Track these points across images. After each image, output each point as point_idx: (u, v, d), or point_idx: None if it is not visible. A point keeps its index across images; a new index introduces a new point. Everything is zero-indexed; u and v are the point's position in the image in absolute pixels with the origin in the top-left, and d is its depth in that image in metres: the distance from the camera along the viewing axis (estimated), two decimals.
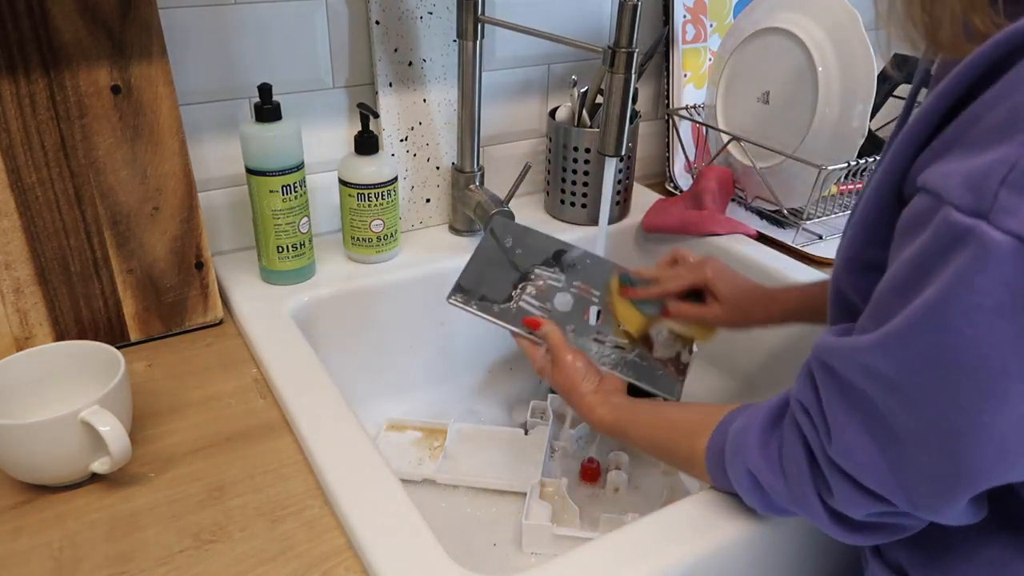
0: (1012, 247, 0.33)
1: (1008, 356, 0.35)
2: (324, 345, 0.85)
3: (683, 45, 1.09)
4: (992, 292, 0.34)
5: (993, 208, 0.33)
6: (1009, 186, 0.33)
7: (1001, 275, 0.33)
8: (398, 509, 0.58)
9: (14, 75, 0.65)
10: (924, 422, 0.40)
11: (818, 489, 0.48)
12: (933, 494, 0.42)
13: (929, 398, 0.39)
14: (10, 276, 0.70)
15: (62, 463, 0.59)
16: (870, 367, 0.41)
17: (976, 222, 0.34)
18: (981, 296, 0.34)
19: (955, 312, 0.35)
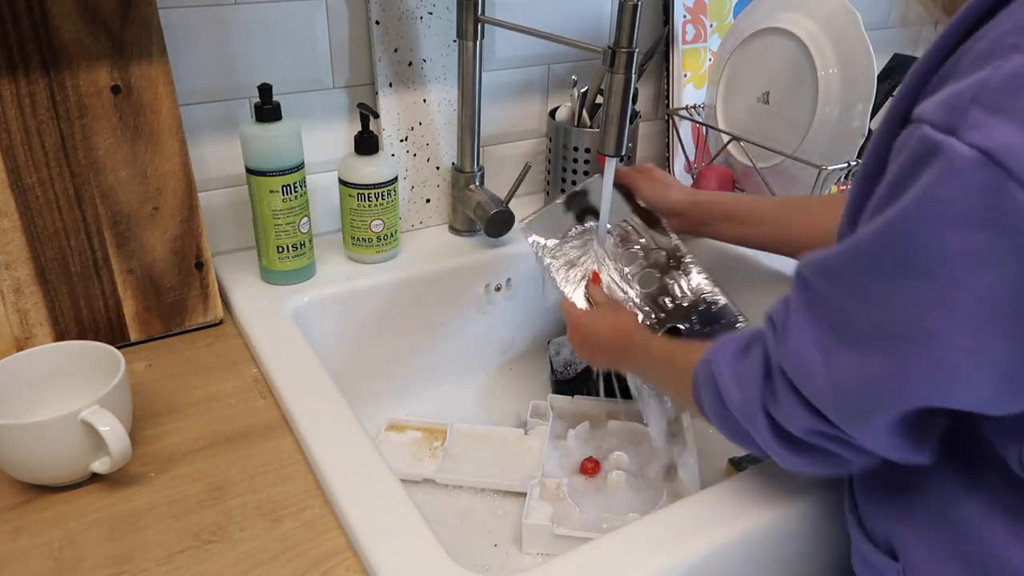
0: (976, 160, 0.34)
1: (958, 268, 0.36)
2: (324, 345, 0.85)
3: (683, 45, 1.09)
4: (953, 203, 0.35)
5: (962, 125, 0.35)
6: (979, 103, 0.35)
7: (964, 187, 0.35)
8: (398, 509, 0.58)
9: (14, 75, 0.65)
10: (873, 324, 0.41)
11: (765, 401, 0.50)
12: (863, 406, 0.43)
13: (884, 300, 0.40)
14: (10, 276, 0.70)
15: (62, 463, 0.59)
16: (834, 270, 0.42)
17: (946, 137, 0.35)
18: (943, 206, 0.36)
19: (918, 220, 0.37)
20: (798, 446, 0.50)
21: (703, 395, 0.56)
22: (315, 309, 0.85)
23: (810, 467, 0.51)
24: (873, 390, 0.42)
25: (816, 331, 0.45)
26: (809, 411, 0.47)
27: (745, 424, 0.52)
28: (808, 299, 0.46)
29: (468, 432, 0.87)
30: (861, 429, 0.45)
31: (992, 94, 0.34)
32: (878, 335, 0.41)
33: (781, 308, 0.49)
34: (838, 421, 0.45)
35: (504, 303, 0.98)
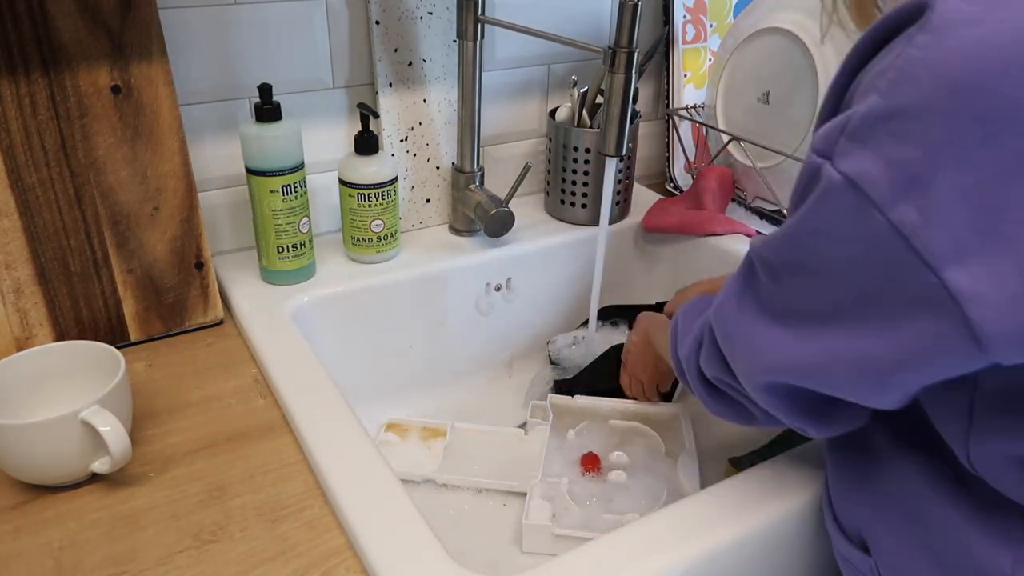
0: (842, 184, 0.40)
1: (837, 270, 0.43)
2: (324, 345, 0.85)
3: (683, 45, 1.09)
4: (828, 220, 0.42)
5: (835, 152, 0.40)
6: (846, 135, 0.40)
7: (835, 207, 0.41)
8: (398, 509, 0.58)
9: (14, 75, 0.65)
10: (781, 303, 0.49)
11: (699, 351, 0.58)
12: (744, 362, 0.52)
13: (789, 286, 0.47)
14: (10, 276, 0.70)
15: (62, 463, 0.59)
16: (762, 257, 0.50)
17: (823, 162, 0.41)
18: (821, 222, 0.42)
19: (805, 231, 0.44)
20: (715, 392, 0.59)
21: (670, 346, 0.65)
22: (315, 309, 0.85)
23: (723, 412, 0.60)
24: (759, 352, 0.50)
25: (744, 298, 0.52)
26: (719, 360, 0.55)
27: (684, 368, 0.61)
28: (747, 272, 0.52)
29: (468, 432, 0.87)
30: (746, 382, 0.52)
31: (855, 128, 0.39)
32: (785, 314, 0.48)
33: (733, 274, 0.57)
34: (733, 369, 0.53)
35: (504, 303, 0.98)
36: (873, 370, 0.43)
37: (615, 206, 1.01)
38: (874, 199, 0.39)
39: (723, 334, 0.53)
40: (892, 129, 0.38)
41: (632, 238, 1.04)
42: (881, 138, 0.38)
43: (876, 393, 0.45)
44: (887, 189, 0.38)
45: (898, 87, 0.38)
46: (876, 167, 0.38)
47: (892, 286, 0.40)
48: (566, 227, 1.01)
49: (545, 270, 0.99)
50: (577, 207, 1.00)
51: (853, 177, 0.39)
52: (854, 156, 0.39)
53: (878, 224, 0.39)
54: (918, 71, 0.37)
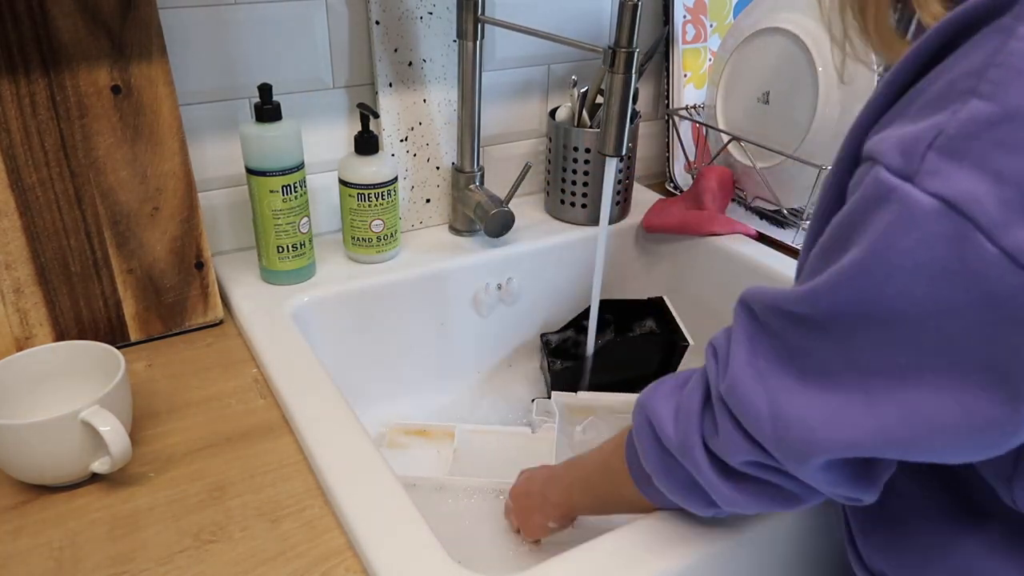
0: (936, 209, 0.33)
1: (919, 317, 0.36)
2: (324, 345, 0.85)
3: (683, 45, 1.09)
4: (913, 253, 0.34)
5: (920, 171, 0.34)
6: (936, 150, 0.34)
7: (923, 237, 0.34)
8: (398, 509, 0.58)
9: (14, 75, 0.65)
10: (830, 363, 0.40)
11: (703, 430, 0.48)
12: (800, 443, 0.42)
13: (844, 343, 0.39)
14: (10, 276, 0.70)
15: (62, 463, 0.59)
16: (791, 312, 0.41)
17: (902, 183, 0.34)
18: (902, 256, 0.35)
19: (877, 269, 0.36)
20: (739, 479, 0.48)
21: (640, 442, 0.53)
22: (315, 309, 0.85)
23: (753, 503, 0.49)
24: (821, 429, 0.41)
25: (759, 364, 0.44)
26: (748, 441, 0.45)
27: (683, 460, 0.50)
28: (753, 332, 0.44)
29: (476, 433, 0.87)
30: (800, 465, 0.43)
31: (949, 140, 0.33)
32: (836, 375, 0.40)
33: (723, 338, 0.48)
34: (778, 455, 0.44)
35: (504, 303, 0.98)
36: (991, 431, 0.36)
37: (615, 206, 1.01)
38: (982, 224, 0.32)
39: (752, 418, 0.44)
40: (1002, 138, 0.32)
41: (632, 238, 1.04)
42: (987, 149, 0.33)
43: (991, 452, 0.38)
44: (997, 210, 0.32)
45: (1006, 86, 0.32)
46: (981, 185, 0.32)
47: (999, 327, 0.34)
48: (566, 227, 1.01)
49: (545, 270, 0.99)
50: (577, 207, 1.00)
51: (951, 199, 0.33)
52: (950, 174, 0.33)
53: (987, 253, 0.33)
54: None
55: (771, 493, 0.48)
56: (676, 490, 0.52)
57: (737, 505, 0.49)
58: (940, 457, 0.39)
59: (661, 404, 0.51)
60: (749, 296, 0.45)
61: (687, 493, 0.52)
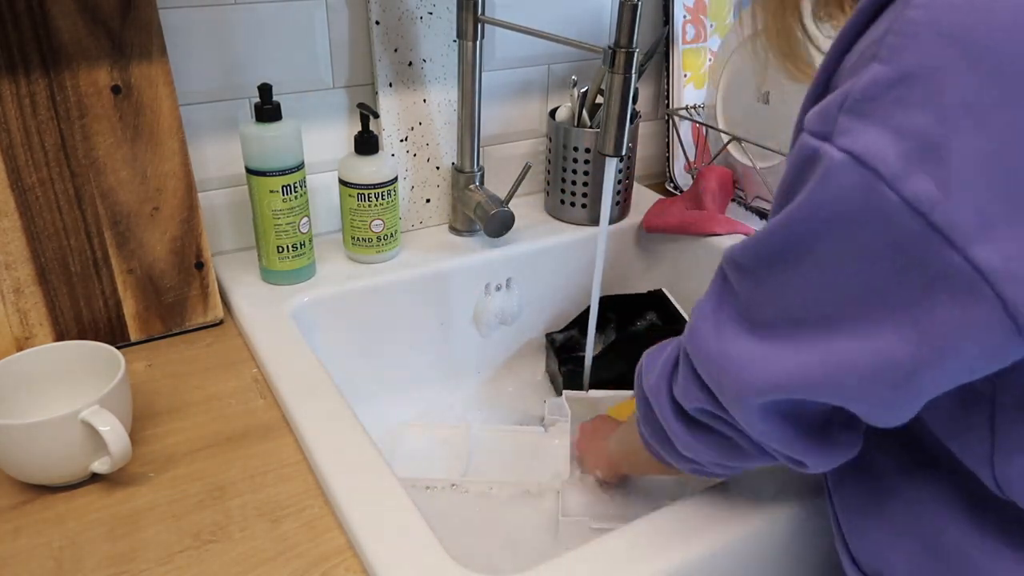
0: (846, 163, 0.36)
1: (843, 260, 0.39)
2: (324, 345, 0.85)
3: (683, 45, 1.09)
4: (832, 203, 0.38)
5: (834, 131, 0.37)
6: (845, 111, 0.37)
7: (839, 188, 0.37)
8: (398, 509, 0.58)
9: (14, 75, 0.65)
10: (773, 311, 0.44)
11: (671, 378, 0.53)
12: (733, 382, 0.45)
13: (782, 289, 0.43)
14: (10, 276, 0.70)
15: (62, 463, 0.59)
16: (741, 263, 0.45)
17: (821, 143, 0.38)
18: (823, 208, 0.38)
19: (804, 220, 0.39)
20: (695, 426, 0.52)
21: (636, 390, 0.58)
22: (315, 309, 0.85)
23: (708, 452, 0.52)
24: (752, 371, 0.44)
25: (720, 316, 0.47)
26: (701, 388, 0.49)
27: (653, 403, 0.54)
28: (720, 288, 0.48)
29: (488, 433, 0.87)
30: (737, 408, 0.46)
31: (855, 102, 0.36)
32: (773, 324, 0.43)
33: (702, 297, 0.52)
34: (719, 398, 0.47)
35: (504, 303, 0.98)
36: (892, 372, 0.39)
37: (615, 206, 1.01)
38: (883, 174, 0.35)
39: (703, 358, 0.48)
40: (898, 96, 0.35)
41: (632, 238, 1.04)
42: (887, 108, 0.35)
43: (895, 400, 0.40)
44: (898, 161, 0.35)
45: (901, 51, 0.35)
46: (883, 139, 0.35)
47: (908, 271, 0.36)
48: (566, 227, 1.01)
49: (545, 270, 0.99)
50: (577, 207, 1.00)
51: (858, 153, 0.36)
52: (857, 131, 0.36)
53: (889, 202, 0.35)
54: (921, 30, 0.34)
55: (721, 443, 0.51)
56: (654, 436, 0.57)
57: (693, 451, 0.53)
58: (850, 399, 0.42)
59: (652, 356, 0.57)
60: (725, 252, 0.49)
61: (661, 439, 0.56)
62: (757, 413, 0.45)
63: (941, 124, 0.34)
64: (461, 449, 0.84)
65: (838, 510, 0.54)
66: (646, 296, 0.97)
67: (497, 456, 0.84)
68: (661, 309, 0.96)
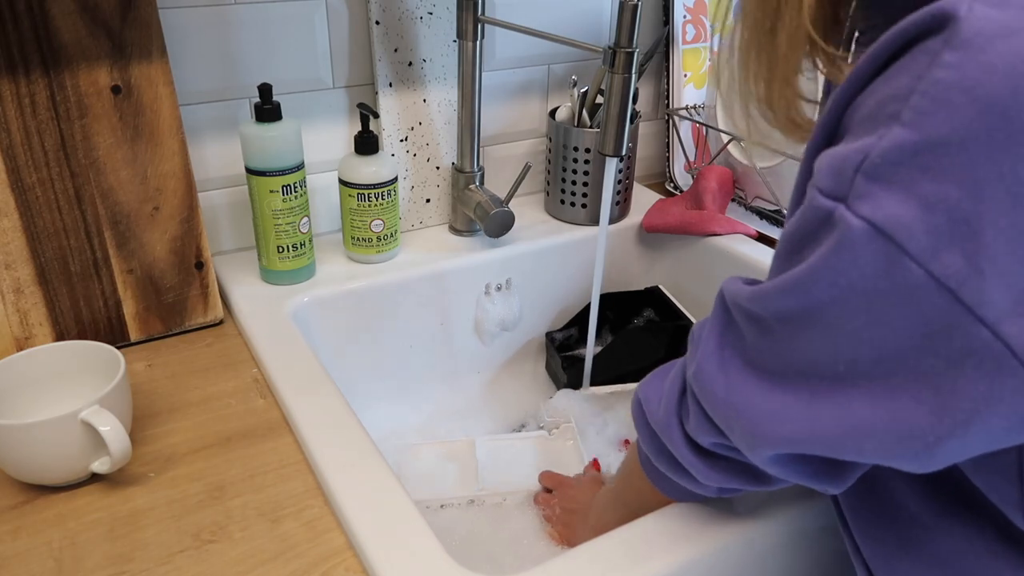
0: (864, 232, 0.34)
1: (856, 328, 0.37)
2: (324, 345, 0.85)
3: (683, 45, 1.09)
4: (848, 272, 0.36)
5: (849, 194, 0.35)
6: (863, 173, 0.34)
7: (856, 259, 0.35)
8: (398, 509, 0.58)
9: (14, 75, 0.65)
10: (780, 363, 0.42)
11: (680, 412, 0.51)
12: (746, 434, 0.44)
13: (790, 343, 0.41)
14: (10, 276, 0.70)
15: (62, 463, 0.59)
16: (747, 309, 0.43)
17: (835, 205, 0.35)
18: (839, 275, 0.36)
19: (816, 284, 0.37)
20: (711, 458, 0.51)
21: (636, 425, 0.57)
22: (315, 309, 0.85)
23: (728, 480, 0.51)
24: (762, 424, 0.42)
25: (725, 354, 0.45)
26: (712, 425, 0.47)
27: (663, 438, 0.53)
28: (725, 323, 0.46)
29: (495, 444, 0.87)
30: (750, 454, 0.45)
31: (875, 165, 0.34)
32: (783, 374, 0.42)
33: (701, 325, 0.50)
34: (733, 442, 0.46)
35: (504, 303, 0.98)
36: (912, 440, 0.37)
37: (615, 206, 1.01)
38: (909, 249, 0.33)
39: (712, 404, 0.46)
40: (925, 164, 0.33)
41: (632, 238, 1.04)
42: (912, 175, 0.33)
43: (918, 463, 0.39)
44: (925, 236, 0.33)
45: (929, 115, 0.33)
46: (909, 211, 0.33)
47: (930, 342, 0.35)
48: (566, 227, 1.01)
49: (545, 270, 0.99)
50: (577, 207, 1.00)
51: (880, 224, 0.34)
52: (878, 198, 0.34)
53: (914, 276, 0.33)
54: (952, 95, 0.32)
55: (741, 472, 0.50)
56: (672, 469, 0.55)
57: (714, 481, 0.52)
58: (869, 459, 0.40)
59: (651, 388, 0.55)
60: (724, 287, 0.47)
61: (679, 471, 0.54)
62: (771, 460, 0.44)
63: (973, 198, 0.32)
64: (469, 464, 0.83)
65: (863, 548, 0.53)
66: (643, 293, 0.98)
67: (511, 465, 0.84)
68: (658, 305, 0.97)
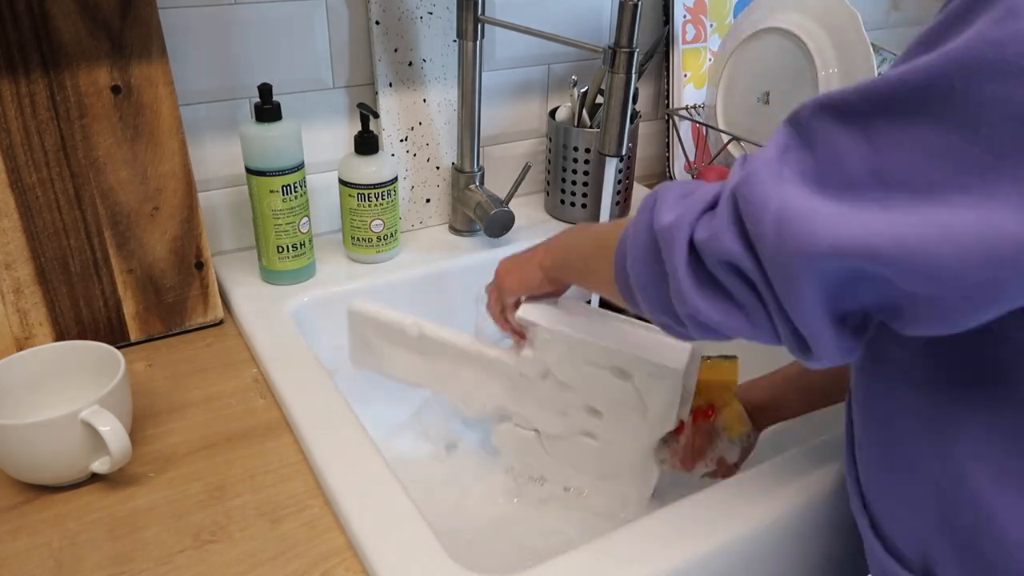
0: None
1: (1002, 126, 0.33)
2: (324, 345, 0.85)
3: (683, 45, 1.09)
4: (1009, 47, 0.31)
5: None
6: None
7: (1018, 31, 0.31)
8: (398, 509, 0.58)
9: (14, 75, 0.65)
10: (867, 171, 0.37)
11: (696, 225, 0.44)
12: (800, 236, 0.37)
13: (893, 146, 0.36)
14: (10, 276, 0.70)
15: (62, 463, 0.59)
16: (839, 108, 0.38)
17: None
18: (997, 50, 0.32)
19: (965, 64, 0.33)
20: (706, 280, 0.44)
21: (638, 217, 0.49)
22: (315, 309, 0.85)
23: (710, 312, 0.44)
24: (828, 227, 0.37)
25: (784, 171, 0.39)
26: (738, 237, 0.41)
27: (662, 245, 0.46)
28: (790, 141, 0.40)
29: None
30: (787, 269, 0.39)
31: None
32: (860, 184, 0.37)
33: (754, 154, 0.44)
34: (769, 255, 0.39)
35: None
36: (996, 246, 0.33)
37: (615, 206, 1.01)
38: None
39: (760, 206, 0.39)
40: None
41: None
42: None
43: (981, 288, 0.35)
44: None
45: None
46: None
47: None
48: (566, 227, 1.01)
49: None
50: (577, 207, 1.00)
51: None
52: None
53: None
54: None
55: (730, 309, 0.44)
56: (644, 276, 0.48)
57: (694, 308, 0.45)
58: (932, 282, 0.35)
59: (670, 192, 0.48)
60: (801, 106, 0.41)
61: (654, 284, 0.48)
62: (809, 278, 0.38)
63: None
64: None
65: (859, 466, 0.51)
66: None
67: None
68: None
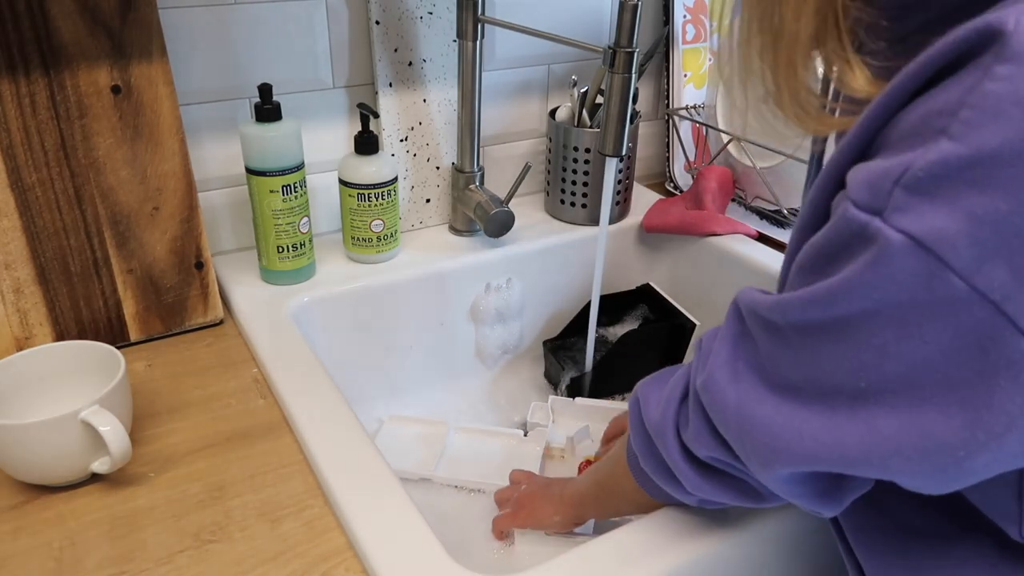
0: (904, 245, 0.33)
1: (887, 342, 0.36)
2: (324, 345, 0.85)
3: (683, 45, 1.09)
4: (885, 288, 0.35)
5: (887, 207, 0.34)
6: (903, 187, 0.34)
7: (894, 273, 0.34)
8: (398, 509, 0.58)
9: (14, 75, 0.65)
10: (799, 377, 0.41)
11: (678, 420, 0.51)
12: (762, 449, 0.42)
13: (811, 358, 0.40)
14: (10, 276, 0.70)
15: (62, 463, 0.59)
16: (765, 319, 0.42)
17: (871, 219, 0.35)
18: (874, 290, 0.35)
19: (848, 298, 0.36)
20: (706, 470, 0.50)
21: (631, 423, 0.56)
22: (315, 309, 0.85)
23: (719, 494, 0.50)
24: (783, 440, 0.41)
25: (738, 365, 0.44)
26: (715, 438, 0.47)
27: (657, 441, 0.52)
28: (738, 333, 0.45)
29: (468, 432, 0.87)
30: (762, 471, 0.44)
31: (917, 179, 0.33)
32: (801, 388, 0.40)
33: (711, 334, 0.49)
34: (741, 457, 0.45)
35: (504, 303, 0.98)
36: (942, 455, 0.36)
37: (615, 206, 1.01)
38: (951, 262, 0.33)
39: (722, 416, 0.45)
40: (974, 178, 0.32)
41: (632, 238, 1.04)
42: (958, 189, 0.32)
43: (945, 479, 0.38)
44: (968, 249, 0.32)
45: (980, 128, 0.32)
46: (953, 224, 0.32)
47: (963, 354, 0.34)
48: (566, 227, 1.01)
49: (545, 270, 0.99)
50: (577, 207, 1.00)
51: (921, 237, 0.33)
52: (919, 211, 0.33)
53: (955, 289, 0.33)
54: (1005, 107, 0.31)
55: (735, 487, 0.50)
56: (657, 472, 0.55)
57: (704, 492, 0.51)
58: (895, 477, 0.39)
59: (651, 388, 0.55)
60: (739, 296, 0.46)
61: (666, 477, 0.54)
62: (783, 478, 0.43)
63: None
64: (436, 447, 0.84)
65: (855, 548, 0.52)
66: (635, 291, 0.98)
67: (473, 455, 0.84)
68: (650, 302, 0.97)
